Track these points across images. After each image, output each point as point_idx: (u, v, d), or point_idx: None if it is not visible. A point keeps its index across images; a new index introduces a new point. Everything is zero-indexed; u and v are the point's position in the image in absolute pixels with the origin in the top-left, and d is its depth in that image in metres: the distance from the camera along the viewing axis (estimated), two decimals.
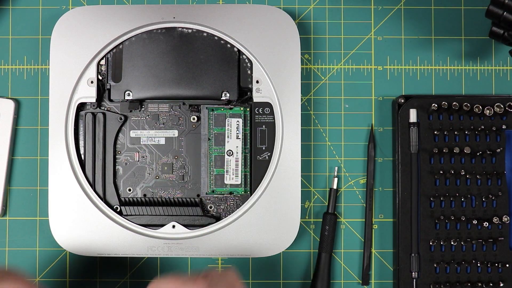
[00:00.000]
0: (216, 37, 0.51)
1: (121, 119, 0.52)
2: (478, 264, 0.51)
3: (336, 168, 0.53)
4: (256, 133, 0.51)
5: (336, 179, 0.53)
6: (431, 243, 0.51)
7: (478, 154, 0.51)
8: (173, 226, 0.50)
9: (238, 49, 0.51)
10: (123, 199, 0.51)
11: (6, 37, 0.54)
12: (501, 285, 0.51)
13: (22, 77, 0.54)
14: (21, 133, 0.54)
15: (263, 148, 0.51)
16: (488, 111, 0.50)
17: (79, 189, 0.50)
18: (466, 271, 0.51)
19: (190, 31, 0.51)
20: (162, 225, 0.51)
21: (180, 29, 0.51)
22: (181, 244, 0.50)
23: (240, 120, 0.51)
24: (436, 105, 0.51)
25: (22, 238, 0.53)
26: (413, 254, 0.51)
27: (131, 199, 0.51)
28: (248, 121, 0.51)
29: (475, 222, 0.50)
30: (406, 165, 0.52)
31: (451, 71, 0.54)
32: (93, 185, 0.51)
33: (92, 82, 0.51)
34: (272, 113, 0.51)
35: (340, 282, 0.53)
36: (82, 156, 0.51)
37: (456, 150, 0.50)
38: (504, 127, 0.51)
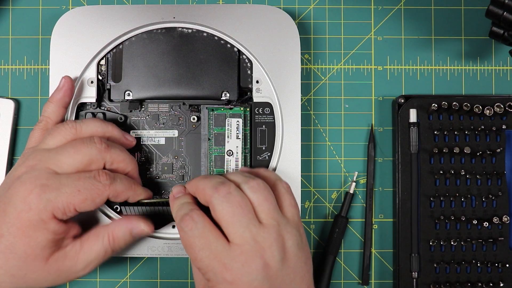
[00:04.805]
0: (216, 37, 0.51)
1: (121, 119, 0.52)
2: (478, 264, 0.51)
3: (356, 173, 0.53)
4: (256, 133, 0.51)
5: (354, 184, 0.53)
6: (431, 243, 0.51)
7: (478, 154, 0.51)
8: (173, 226, 0.50)
9: (238, 49, 0.51)
10: None
11: (6, 37, 0.54)
12: (501, 285, 0.51)
13: (22, 77, 0.54)
14: (21, 133, 0.54)
15: (263, 148, 0.51)
16: (488, 111, 0.50)
17: None
18: (466, 271, 0.51)
19: (190, 31, 0.51)
20: (162, 225, 0.51)
21: (180, 29, 0.51)
22: (181, 244, 0.50)
23: (240, 120, 0.51)
24: (436, 105, 0.51)
25: None
26: (413, 254, 0.51)
27: None
28: (248, 121, 0.51)
29: (475, 222, 0.50)
30: (406, 165, 0.52)
31: (451, 71, 0.54)
32: None
33: (92, 82, 0.51)
34: (272, 113, 0.51)
35: (340, 282, 0.53)
36: None
37: (456, 150, 0.50)
38: (504, 127, 0.51)
